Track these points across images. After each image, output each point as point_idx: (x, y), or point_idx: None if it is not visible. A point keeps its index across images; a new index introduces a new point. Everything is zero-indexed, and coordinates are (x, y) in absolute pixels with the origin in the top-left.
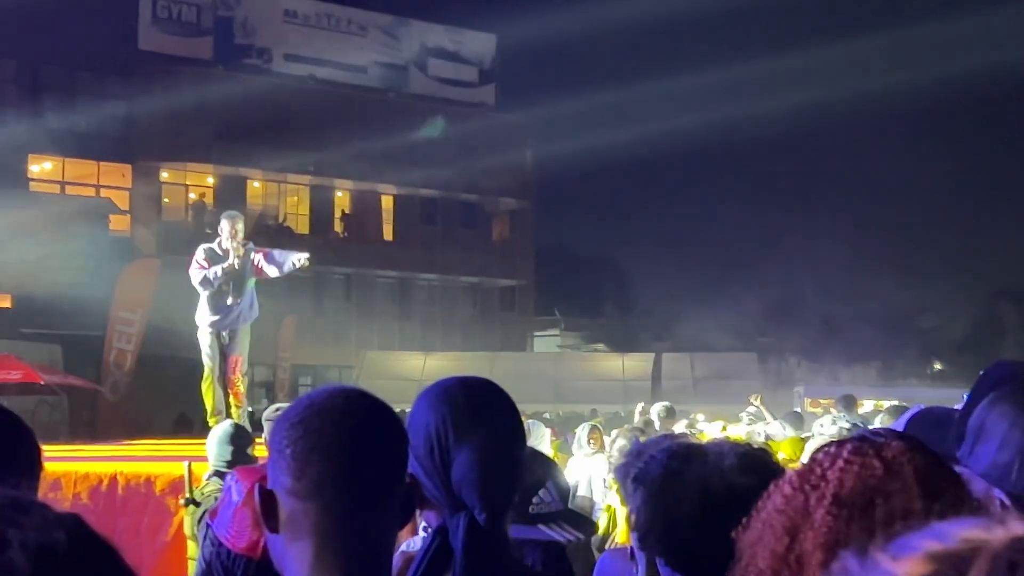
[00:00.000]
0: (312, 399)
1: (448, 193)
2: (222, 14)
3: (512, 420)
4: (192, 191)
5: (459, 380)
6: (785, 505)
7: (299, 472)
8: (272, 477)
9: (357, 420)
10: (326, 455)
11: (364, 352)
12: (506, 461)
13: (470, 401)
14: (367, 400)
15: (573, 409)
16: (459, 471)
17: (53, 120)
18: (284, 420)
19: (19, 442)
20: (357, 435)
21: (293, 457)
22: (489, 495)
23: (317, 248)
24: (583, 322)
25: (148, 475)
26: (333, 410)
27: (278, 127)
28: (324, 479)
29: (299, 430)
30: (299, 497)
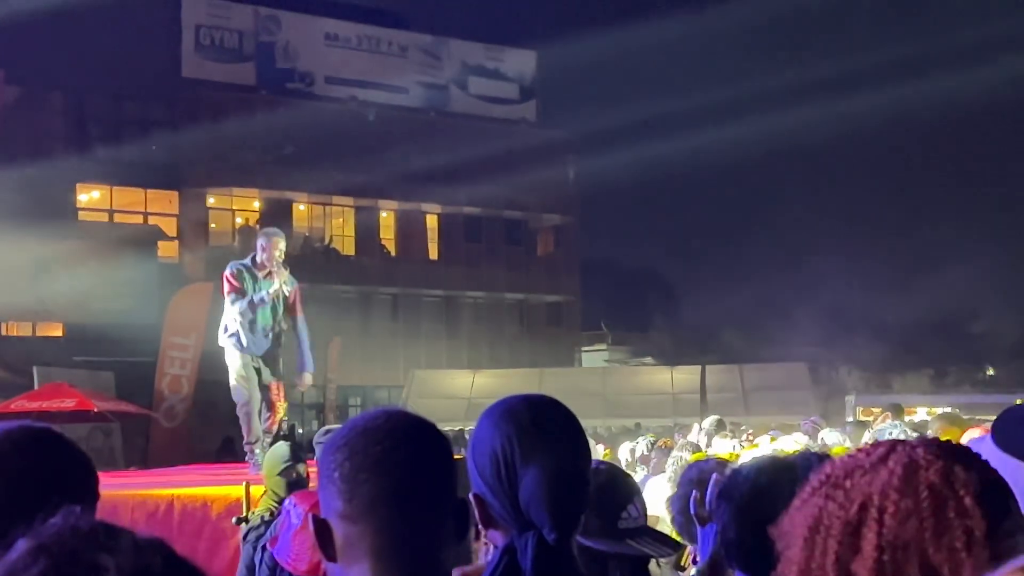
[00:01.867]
0: (355, 422)
1: (492, 210)
2: (264, 39)
3: (578, 437)
4: (239, 215)
5: (523, 398)
6: (828, 518)
7: (349, 494)
8: (324, 503)
9: (402, 439)
10: (374, 475)
11: (412, 371)
12: (574, 479)
13: (535, 419)
14: (410, 419)
15: (623, 423)
16: (526, 490)
17: (100, 150)
18: (331, 444)
19: (78, 468)
20: (403, 453)
21: (342, 479)
22: (558, 513)
23: (363, 269)
24: (630, 336)
25: (204, 499)
26: (377, 431)
27: (321, 149)
28: (374, 499)
29: (345, 452)
30: (351, 520)
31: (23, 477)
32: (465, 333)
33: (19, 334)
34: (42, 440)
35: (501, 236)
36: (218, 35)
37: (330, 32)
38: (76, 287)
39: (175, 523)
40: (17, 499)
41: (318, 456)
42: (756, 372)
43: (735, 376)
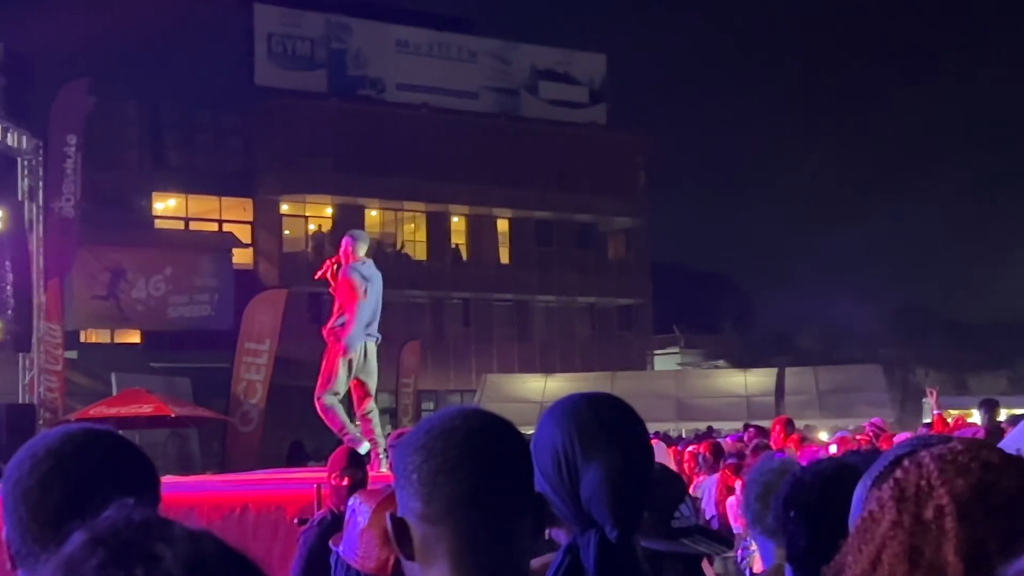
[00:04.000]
0: (432, 423)
1: (563, 214)
2: (335, 47)
3: (640, 434)
4: (311, 222)
5: (584, 396)
6: (895, 527)
7: (428, 496)
8: (402, 504)
9: (479, 439)
10: (453, 477)
11: (484, 375)
12: (636, 476)
13: (597, 416)
14: (486, 418)
15: (696, 427)
16: (588, 488)
17: (174, 158)
18: (407, 446)
19: (139, 469)
20: (481, 454)
21: (420, 482)
22: (620, 511)
23: (435, 273)
24: (703, 339)
25: (279, 502)
26: (454, 431)
27: (393, 155)
28: (453, 501)
29: (423, 455)
30: (430, 521)
31: (84, 477)
32: (537, 337)
33: (97, 341)
34: (103, 441)
35: (572, 240)
36: (290, 43)
37: (401, 39)
38: (153, 294)
39: (251, 526)
40: (77, 498)
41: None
42: (831, 374)
43: (809, 378)
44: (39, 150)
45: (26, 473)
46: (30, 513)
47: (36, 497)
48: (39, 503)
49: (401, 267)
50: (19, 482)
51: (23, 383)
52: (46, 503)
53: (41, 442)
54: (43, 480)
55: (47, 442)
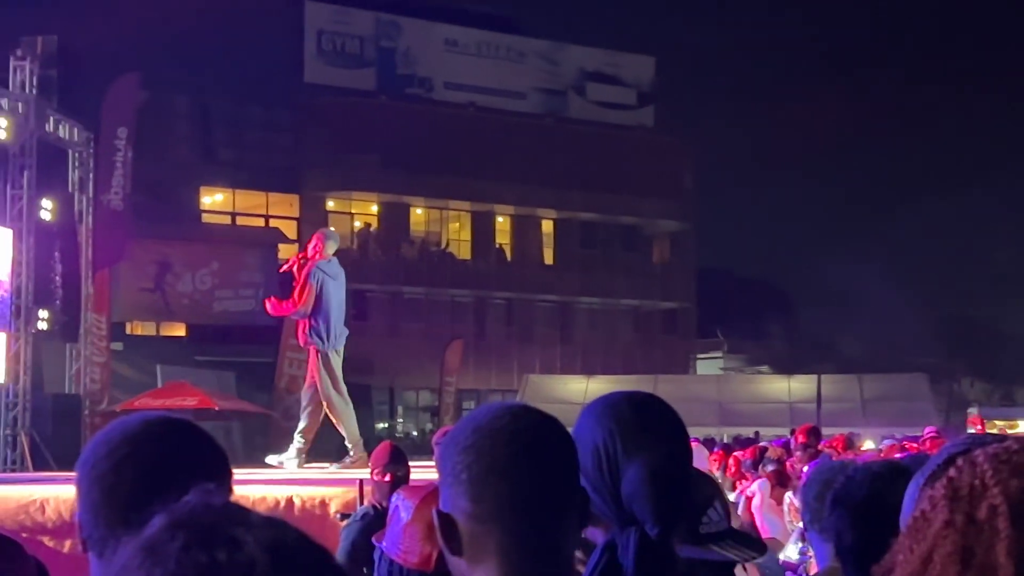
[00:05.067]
0: (479, 421)
1: (608, 216)
2: (384, 45)
3: (681, 433)
4: (357, 219)
5: (624, 394)
6: (947, 527)
7: (478, 496)
8: (448, 502)
9: (528, 438)
10: (503, 477)
11: (526, 376)
12: (677, 473)
13: (638, 414)
14: (533, 416)
15: (738, 432)
16: (629, 485)
17: (223, 153)
18: (453, 445)
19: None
20: (530, 454)
21: (470, 482)
22: (662, 508)
23: (479, 273)
24: (746, 344)
25: (323, 497)
26: (502, 430)
27: (439, 154)
28: (503, 501)
29: (471, 455)
30: (480, 520)
31: (159, 463)
32: (579, 339)
33: (143, 333)
34: (179, 430)
35: (617, 242)
36: (340, 41)
37: (449, 38)
38: (199, 288)
39: (294, 520)
40: (152, 484)
41: (439, 455)
42: (875, 382)
43: (853, 386)
44: (90, 143)
45: (102, 457)
46: (104, 497)
47: (111, 482)
48: (114, 488)
49: (445, 266)
50: (95, 466)
51: (69, 373)
52: (120, 488)
53: (118, 428)
54: (118, 465)
55: (124, 428)
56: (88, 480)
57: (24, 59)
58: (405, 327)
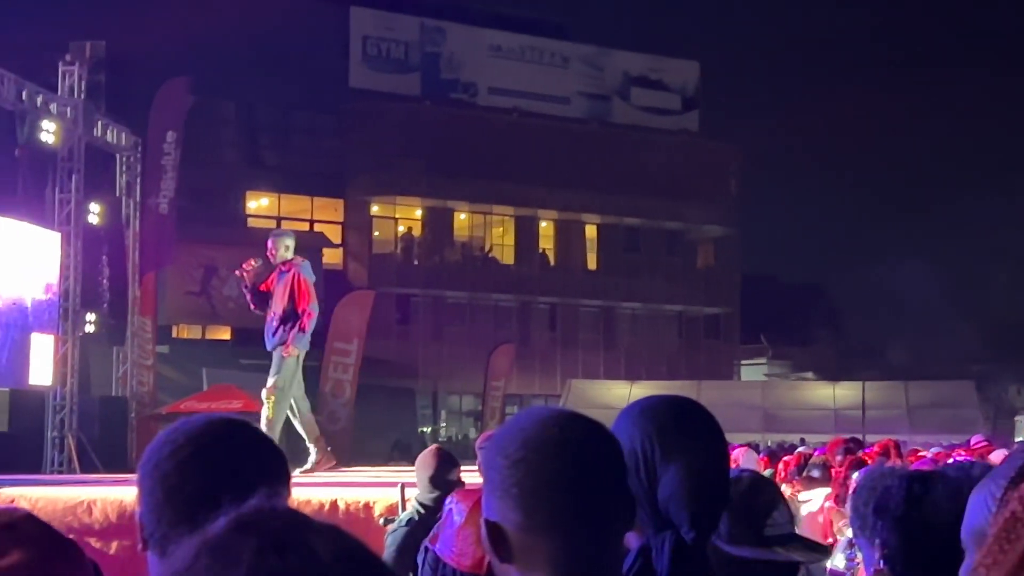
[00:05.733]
0: (525, 431)
1: (652, 221)
2: (429, 50)
3: (719, 437)
4: (401, 224)
5: (661, 398)
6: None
7: (529, 509)
8: (496, 511)
9: (579, 450)
10: (555, 491)
11: (569, 381)
12: (715, 477)
13: (676, 418)
14: (582, 425)
15: (782, 438)
16: (667, 488)
17: (269, 158)
18: (501, 456)
19: (274, 461)
20: (582, 466)
21: (521, 496)
22: (699, 512)
23: (522, 278)
24: (791, 350)
25: (367, 501)
26: (551, 442)
27: (483, 159)
28: (556, 514)
29: (522, 468)
30: (530, 531)
31: (221, 465)
32: (622, 344)
33: (189, 336)
34: (241, 432)
35: (661, 247)
36: (385, 46)
37: (494, 43)
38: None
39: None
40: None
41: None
42: (921, 389)
43: (899, 393)
44: (137, 147)
45: (165, 457)
46: (167, 497)
47: (174, 482)
48: (176, 488)
49: (489, 271)
50: (158, 466)
51: (116, 376)
52: (183, 488)
53: (182, 428)
54: (182, 465)
55: (187, 428)
56: (151, 480)
57: (73, 64)
58: (449, 331)
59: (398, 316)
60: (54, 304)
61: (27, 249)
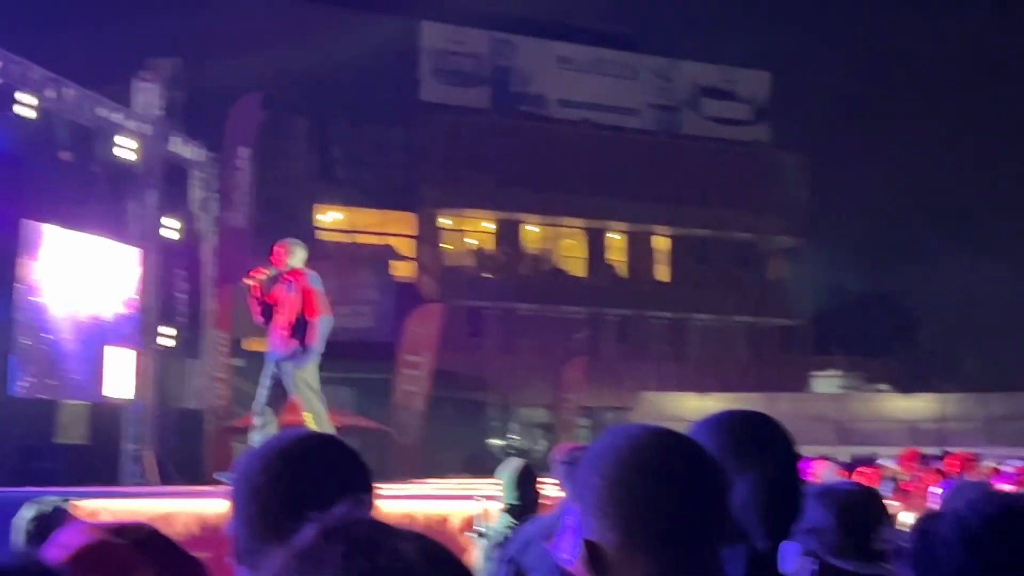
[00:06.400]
0: (621, 452)
1: (722, 232)
2: (499, 64)
3: (792, 450)
4: (471, 237)
5: (735, 411)
6: None
7: (628, 530)
8: (595, 531)
9: (679, 471)
10: (655, 511)
11: (640, 393)
12: (790, 488)
13: (750, 430)
14: (681, 446)
15: (856, 451)
16: (740, 497)
17: (340, 172)
18: (595, 475)
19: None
20: (683, 488)
21: (620, 516)
22: (774, 521)
23: (592, 290)
24: (865, 361)
25: (443, 513)
26: (651, 464)
27: (553, 172)
28: (656, 534)
29: (621, 489)
30: (630, 550)
31: (311, 478)
32: (693, 356)
33: (262, 350)
34: (329, 446)
35: (731, 258)
36: (455, 60)
37: (563, 55)
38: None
39: None
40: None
41: (560, 474)
42: (1001, 401)
43: (977, 404)
44: (213, 162)
45: (257, 472)
46: (259, 511)
47: (265, 495)
48: (268, 501)
49: (558, 283)
50: (250, 480)
51: (192, 389)
52: (275, 502)
53: (272, 444)
54: (273, 479)
55: (278, 444)
56: (244, 494)
57: (150, 81)
58: (519, 344)
59: (469, 329)
60: (133, 318)
61: (106, 264)
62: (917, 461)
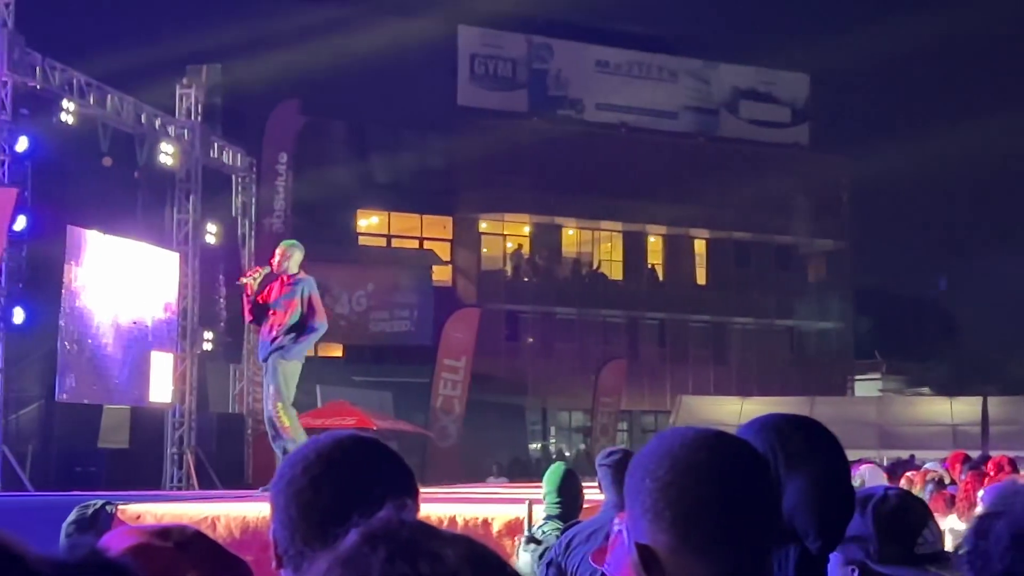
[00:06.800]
0: (674, 454)
1: (762, 235)
2: (536, 67)
3: (840, 452)
4: (509, 240)
5: (780, 414)
6: None
7: (683, 533)
8: (648, 535)
9: (732, 472)
10: (710, 513)
11: (680, 397)
12: (842, 489)
13: (798, 431)
14: (731, 447)
15: (898, 455)
16: (792, 498)
17: (380, 176)
18: (649, 479)
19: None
20: (735, 486)
21: (674, 519)
22: (827, 522)
23: (631, 293)
24: (906, 364)
25: (485, 517)
26: (702, 466)
27: (591, 175)
28: (710, 538)
29: (674, 491)
30: (685, 553)
31: (353, 481)
32: (733, 359)
33: None
34: (371, 448)
35: (771, 261)
36: (492, 64)
37: (601, 59)
38: (355, 309)
39: None
40: (347, 501)
41: (602, 477)
42: None
43: (1020, 408)
44: (252, 168)
45: (299, 474)
46: (301, 513)
47: (307, 498)
48: (310, 504)
49: (597, 287)
50: (291, 482)
51: (233, 393)
52: (317, 504)
53: (312, 446)
54: (315, 482)
55: (318, 446)
56: (285, 497)
57: (190, 87)
58: (558, 348)
59: (507, 333)
60: (173, 323)
61: (147, 269)
62: (962, 464)
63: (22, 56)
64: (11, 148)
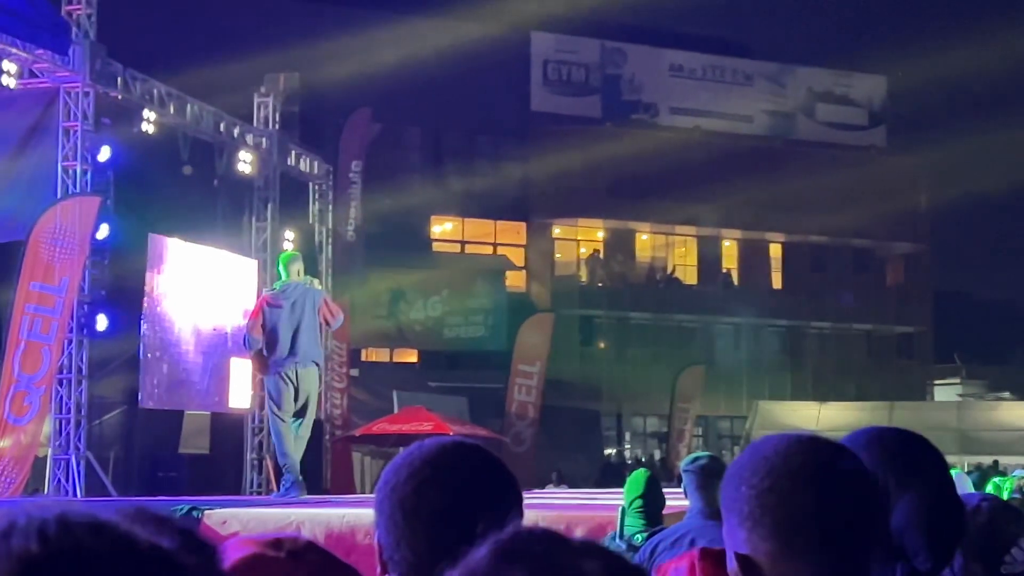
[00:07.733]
0: (771, 461)
1: (838, 239)
2: (610, 72)
3: (946, 466)
4: (583, 246)
5: (885, 427)
6: None
7: (785, 540)
8: (747, 544)
9: (831, 476)
10: (811, 519)
11: (756, 402)
12: (953, 508)
13: (907, 447)
14: (829, 451)
15: (979, 461)
16: (901, 516)
17: (454, 182)
18: (745, 486)
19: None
20: (836, 494)
21: (775, 525)
22: (937, 540)
23: (705, 298)
24: (987, 369)
25: (567, 522)
26: (802, 470)
27: (665, 179)
28: (813, 542)
29: (773, 497)
30: (787, 560)
31: (457, 487)
32: (810, 364)
33: (377, 360)
34: (474, 455)
35: (848, 265)
36: (565, 69)
37: (675, 63)
38: (430, 315)
39: None
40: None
41: (686, 483)
42: None
43: None
44: (329, 175)
45: (403, 480)
46: (405, 519)
47: (412, 504)
48: (415, 510)
49: (672, 291)
50: (396, 488)
51: None
52: (422, 510)
53: (416, 452)
54: (420, 488)
55: (422, 452)
56: (389, 503)
57: (267, 96)
58: (632, 353)
59: (581, 338)
60: None
61: (226, 276)
62: None
63: (104, 67)
64: (93, 158)
